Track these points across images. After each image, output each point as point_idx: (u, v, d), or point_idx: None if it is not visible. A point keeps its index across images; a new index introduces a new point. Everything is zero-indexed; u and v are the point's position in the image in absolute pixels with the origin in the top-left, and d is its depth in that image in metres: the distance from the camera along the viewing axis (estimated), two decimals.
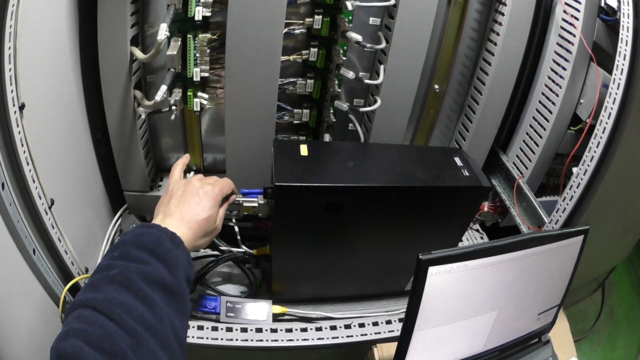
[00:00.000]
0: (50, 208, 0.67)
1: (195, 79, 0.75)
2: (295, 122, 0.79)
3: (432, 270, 0.62)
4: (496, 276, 0.67)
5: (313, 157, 0.73)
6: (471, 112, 0.88)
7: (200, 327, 0.81)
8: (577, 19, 0.80)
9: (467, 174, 0.74)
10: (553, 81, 0.86)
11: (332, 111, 0.79)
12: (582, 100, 0.86)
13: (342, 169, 0.72)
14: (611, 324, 1.35)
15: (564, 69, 0.84)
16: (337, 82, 0.78)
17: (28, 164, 0.60)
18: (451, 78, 0.86)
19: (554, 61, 0.87)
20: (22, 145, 0.59)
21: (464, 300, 0.67)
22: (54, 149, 0.70)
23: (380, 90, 0.78)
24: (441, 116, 0.89)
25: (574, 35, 0.81)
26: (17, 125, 0.57)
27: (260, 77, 0.73)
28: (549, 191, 0.97)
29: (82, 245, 0.78)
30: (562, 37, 0.84)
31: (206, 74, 0.76)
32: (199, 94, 0.77)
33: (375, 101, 0.77)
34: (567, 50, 0.83)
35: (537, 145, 0.90)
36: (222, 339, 0.80)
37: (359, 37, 0.73)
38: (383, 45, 0.76)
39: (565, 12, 0.83)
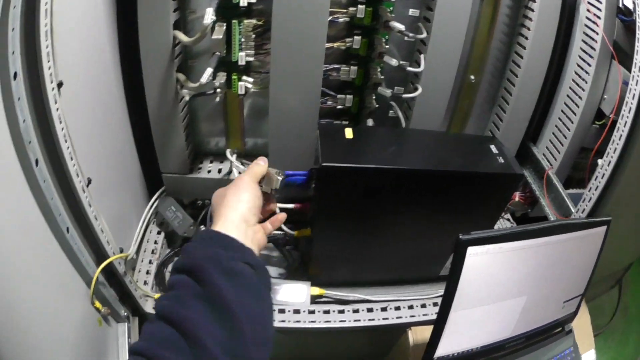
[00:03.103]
0: (87, 186, 0.67)
1: (240, 63, 0.77)
2: (338, 107, 0.81)
3: (471, 250, 0.64)
4: (527, 261, 0.69)
5: (358, 140, 0.75)
6: (505, 103, 0.90)
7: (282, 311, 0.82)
8: (599, 17, 0.83)
9: (502, 162, 0.76)
10: (579, 76, 0.89)
11: (374, 97, 0.81)
12: (605, 96, 0.89)
13: (386, 152, 0.74)
14: (625, 322, 1.37)
15: (589, 64, 0.87)
16: (379, 70, 0.79)
17: (66, 141, 0.60)
18: (485, 69, 0.89)
19: (580, 57, 0.89)
20: (60, 123, 0.58)
21: (496, 284, 0.69)
22: (91, 129, 0.70)
23: (420, 78, 0.79)
24: (476, 106, 0.91)
25: (597, 34, 0.84)
26: (55, 102, 0.57)
27: (305, 63, 0.75)
28: (574, 184, 0.99)
29: (117, 226, 0.78)
30: (587, 35, 0.87)
31: (251, 59, 0.77)
32: (244, 77, 0.78)
33: (416, 89, 0.79)
34: (592, 47, 0.86)
35: (565, 137, 0.92)
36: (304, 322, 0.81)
37: (401, 27, 0.75)
38: (424, 35, 0.77)
39: (588, 10, 0.86)
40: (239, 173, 0.82)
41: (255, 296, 0.48)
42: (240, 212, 0.54)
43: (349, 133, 0.75)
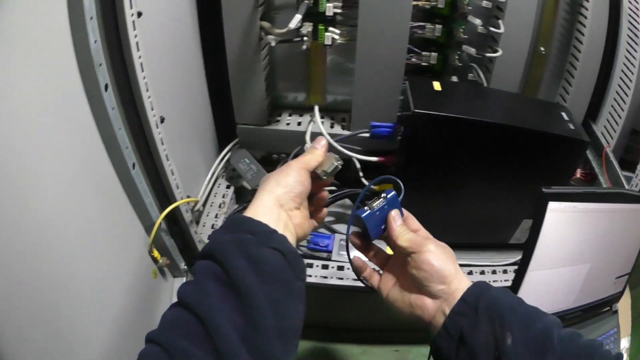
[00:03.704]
0: (161, 123, 0.63)
1: (327, 13, 0.77)
2: (422, 64, 0.81)
3: (551, 206, 0.64)
4: (596, 225, 0.70)
5: (445, 92, 0.75)
6: (570, 77, 0.92)
7: (310, 265, 0.79)
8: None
9: (572, 128, 0.77)
10: (631, 54, 0.91)
11: (456, 57, 0.82)
12: None
13: (472, 105, 0.76)
14: None
15: (637, 43, 0.89)
16: (461, 30, 0.81)
17: (143, 70, 0.57)
18: (553, 43, 0.91)
19: (628, 36, 0.92)
20: (138, 51, 0.55)
21: (568, 245, 0.69)
22: (166, 66, 0.67)
23: (499, 41, 0.81)
24: (545, 79, 0.93)
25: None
26: (134, 29, 0.54)
27: (392, 16, 0.75)
28: (624, 167, 1.01)
29: (185, 175, 0.74)
30: (632, 17, 0.90)
31: (338, 10, 0.78)
32: (330, 28, 0.78)
33: (496, 51, 0.81)
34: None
35: (620, 117, 0.95)
36: (332, 277, 0.78)
37: None
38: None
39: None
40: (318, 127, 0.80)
41: (283, 285, 0.43)
42: (276, 196, 0.49)
43: (437, 85, 0.76)
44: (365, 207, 0.55)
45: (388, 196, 0.56)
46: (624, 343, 0.87)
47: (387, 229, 0.55)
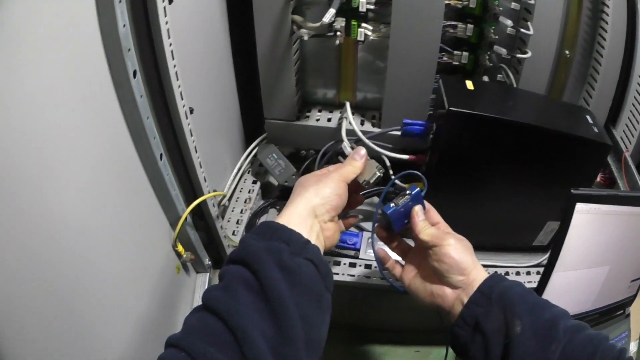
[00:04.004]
0: (190, 114, 0.62)
1: (360, 9, 0.76)
2: (454, 63, 0.81)
3: (578, 207, 0.65)
4: (617, 228, 0.70)
5: (478, 92, 0.76)
6: (593, 81, 0.93)
7: (337, 263, 0.78)
8: None
9: (596, 131, 0.78)
10: None
11: (487, 57, 0.82)
12: None
13: (504, 105, 0.76)
14: None
15: None
16: (492, 30, 0.81)
17: (173, 58, 0.55)
18: (577, 46, 0.92)
19: None
20: (169, 38, 0.54)
21: (591, 246, 0.70)
22: (196, 56, 0.66)
23: (527, 43, 0.82)
24: (569, 83, 0.94)
25: None
26: (165, 15, 0.53)
27: (425, 14, 0.75)
28: None
29: (211, 168, 0.72)
30: None
31: (371, 6, 0.77)
32: (363, 24, 0.78)
33: (525, 52, 0.81)
34: None
35: (638, 122, 0.96)
36: (359, 276, 0.77)
37: None
38: (533, 1, 0.81)
39: None
40: (349, 124, 0.79)
41: (314, 297, 0.43)
42: (312, 206, 0.49)
43: (469, 85, 0.75)
44: (392, 204, 0.59)
45: (412, 193, 0.59)
46: (633, 347, 0.88)
47: (411, 223, 0.58)
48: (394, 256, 0.64)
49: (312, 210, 0.49)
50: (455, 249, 0.54)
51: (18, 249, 0.36)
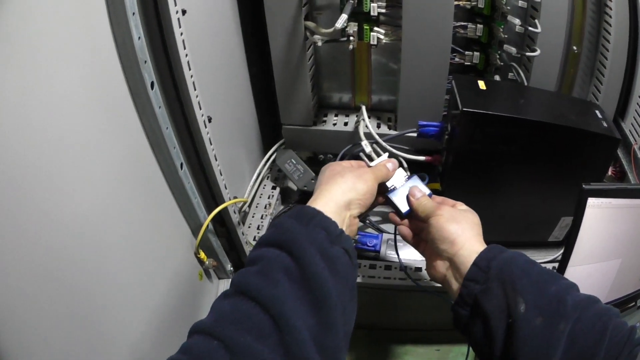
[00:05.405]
0: (209, 122, 0.63)
1: (372, 13, 0.78)
2: (465, 63, 0.82)
3: (590, 202, 0.66)
4: (628, 221, 0.71)
5: (490, 91, 0.77)
6: (601, 76, 0.94)
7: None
8: None
9: (606, 126, 0.79)
10: None
11: (498, 56, 0.83)
12: None
13: (517, 104, 0.77)
14: None
15: None
16: (501, 30, 0.82)
17: (190, 68, 0.56)
18: (584, 42, 0.93)
19: None
20: (185, 49, 0.55)
21: (603, 240, 0.70)
22: (211, 65, 0.67)
23: (536, 40, 0.83)
24: (578, 78, 0.95)
25: None
26: (180, 27, 0.53)
27: (435, 16, 0.76)
28: None
29: (230, 176, 0.73)
30: None
31: (382, 10, 0.78)
32: (375, 28, 0.79)
33: (535, 50, 0.82)
34: None
35: None
36: (379, 277, 0.78)
37: None
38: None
39: None
40: (366, 127, 0.80)
41: (349, 287, 0.43)
42: (349, 199, 0.50)
43: (482, 84, 0.77)
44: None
45: (410, 178, 0.61)
46: None
47: (409, 204, 0.58)
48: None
49: (348, 202, 0.49)
50: (443, 218, 0.53)
51: (43, 254, 0.37)
